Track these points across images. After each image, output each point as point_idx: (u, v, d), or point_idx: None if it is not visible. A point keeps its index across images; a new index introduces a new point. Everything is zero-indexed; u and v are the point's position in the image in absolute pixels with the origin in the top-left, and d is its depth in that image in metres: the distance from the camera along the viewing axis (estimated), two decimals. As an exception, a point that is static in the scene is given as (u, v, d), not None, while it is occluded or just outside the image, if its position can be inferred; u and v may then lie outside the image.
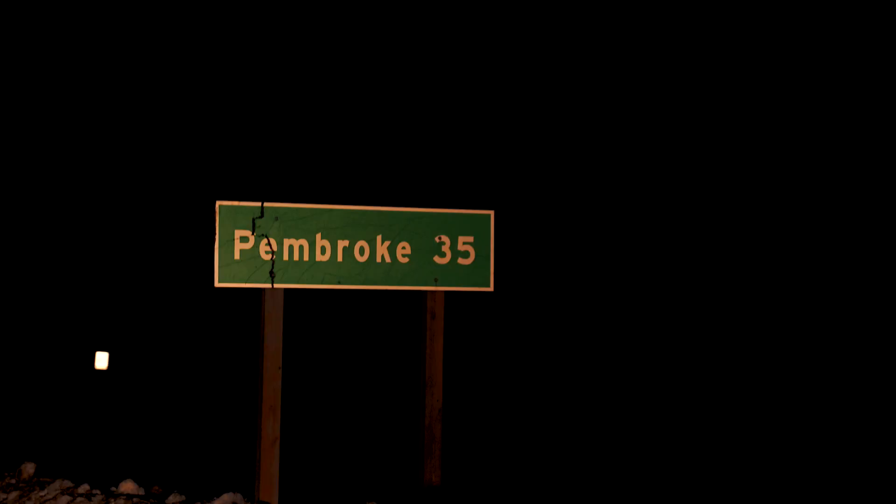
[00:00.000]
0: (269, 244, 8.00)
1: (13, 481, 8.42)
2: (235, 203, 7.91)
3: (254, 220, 7.95)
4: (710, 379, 11.14)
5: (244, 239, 7.93)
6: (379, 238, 8.38)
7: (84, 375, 10.41)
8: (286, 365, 7.84)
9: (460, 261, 8.66)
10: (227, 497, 7.51)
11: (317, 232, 8.16)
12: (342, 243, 8.26)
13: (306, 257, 8.12)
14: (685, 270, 11.78)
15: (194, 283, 9.98)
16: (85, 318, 10.62)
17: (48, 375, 10.49)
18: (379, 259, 8.38)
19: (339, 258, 8.23)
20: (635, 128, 11.86)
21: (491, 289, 8.74)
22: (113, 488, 7.98)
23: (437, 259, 8.57)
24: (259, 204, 7.96)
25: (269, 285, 7.96)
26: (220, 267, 7.81)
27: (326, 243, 8.21)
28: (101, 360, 9.64)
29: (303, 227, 8.08)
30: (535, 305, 11.60)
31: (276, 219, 8.02)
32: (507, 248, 9.83)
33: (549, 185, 11.90)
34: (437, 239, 8.56)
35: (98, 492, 7.92)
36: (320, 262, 8.16)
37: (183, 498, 7.73)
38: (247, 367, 8.68)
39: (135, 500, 7.73)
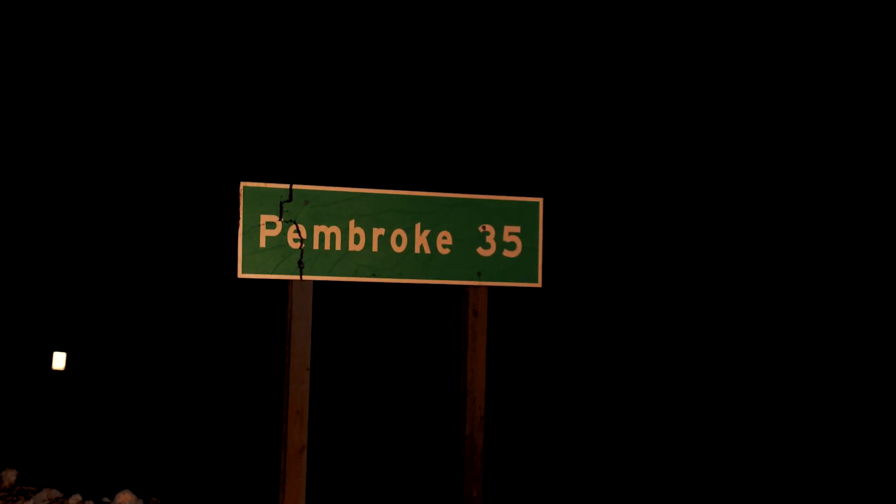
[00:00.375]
0: (297, 231, 7.34)
1: (-8, 490, 7.76)
2: (261, 185, 7.25)
3: (281, 203, 7.29)
4: (788, 386, 10.45)
5: (270, 225, 7.27)
6: (418, 226, 7.72)
7: (76, 375, 9.74)
8: (313, 365, 7.19)
9: (506, 253, 8.01)
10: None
11: (350, 218, 7.51)
12: (377, 231, 7.60)
13: (338, 246, 7.47)
14: (755, 264, 11.00)
15: (212, 274, 9.30)
16: (92, 312, 9.89)
17: (34, 373, 9.83)
18: (417, 250, 7.72)
19: (374, 248, 7.57)
20: (702, 109, 11.09)
21: (539, 284, 8.09)
22: (107, 499, 7.33)
23: (480, 251, 7.91)
24: (287, 186, 7.31)
25: (297, 277, 7.30)
26: (243, 256, 7.16)
27: (360, 231, 7.55)
28: (59, 361, 8.95)
29: (335, 213, 7.43)
30: (584, 304, 10.84)
31: (306, 203, 7.36)
32: (554, 240, 9.17)
33: (602, 169, 11.13)
34: (480, 228, 7.90)
35: (91, 503, 7.28)
36: (353, 252, 7.51)
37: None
38: (270, 367, 8.03)
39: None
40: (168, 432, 9.41)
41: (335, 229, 7.51)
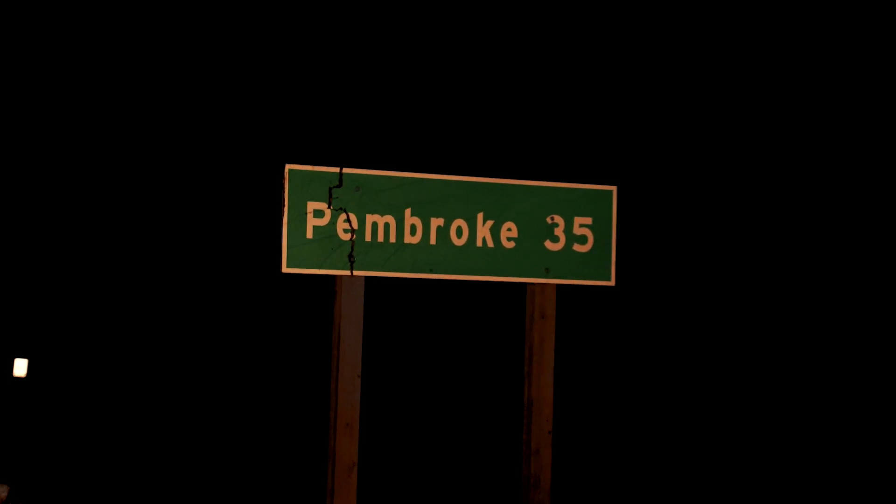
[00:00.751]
0: (348, 220, 6.64)
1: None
2: (309, 168, 6.55)
3: (330, 189, 6.59)
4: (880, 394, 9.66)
5: (318, 213, 6.57)
6: (480, 216, 7.03)
7: (83, 379, 9.04)
8: (363, 371, 6.49)
9: (576, 247, 7.32)
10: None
11: (406, 207, 6.81)
12: (436, 222, 6.90)
13: (392, 238, 6.77)
14: (859, 261, 10.12)
15: (250, 268, 8.55)
16: (118, 312, 9.15)
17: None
18: (479, 242, 7.03)
19: (432, 240, 6.88)
20: (795, 96, 10.23)
21: (612, 282, 7.39)
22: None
23: (548, 244, 7.23)
24: (337, 170, 6.60)
25: (347, 272, 6.60)
26: (288, 248, 6.46)
27: (417, 221, 6.85)
28: (20, 368, 8.27)
29: (389, 201, 6.74)
30: (662, 305, 9.98)
31: (358, 189, 6.66)
32: (628, 233, 8.46)
33: (682, 153, 10.20)
34: (548, 220, 7.21)
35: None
36: (409, 245, 6.81)
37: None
38: (315, 374, 7.31)
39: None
40: (200, 446, 8.70)
41: (389, 219, 6.81)
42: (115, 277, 8.69)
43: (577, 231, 7.38)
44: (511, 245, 7.15)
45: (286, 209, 6.49)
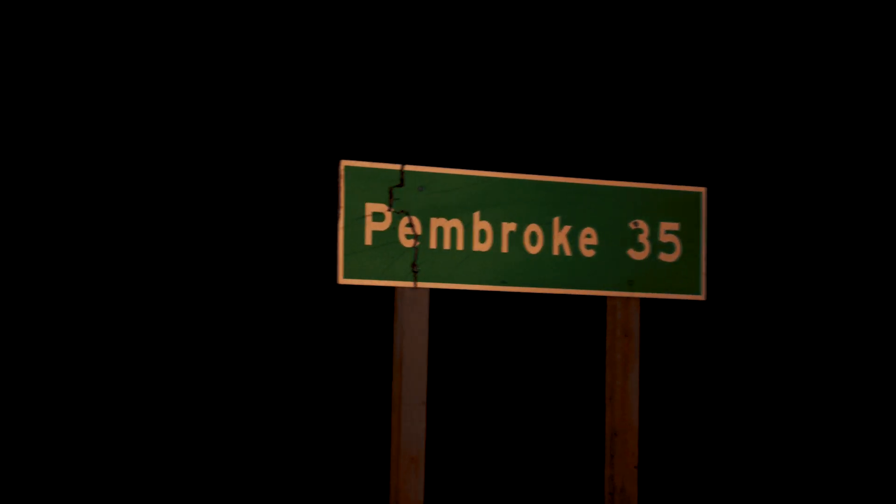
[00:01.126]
0: (411, 224, 5.90)
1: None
2: (367, 164, 5.82)
3: (391, 190, 5.85)
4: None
5: (378, 216, 5.83)
6: (556, 221, 6.30)
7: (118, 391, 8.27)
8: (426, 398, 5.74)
9: (662, 256, 6.61)
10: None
11: (475, 209, 6.08)
12: (508, 227, 6.17)
13: (460, 245, 6.03)
14: None
15: (300, 278, 7.68)
16: (151, 322, 8.35)
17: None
18: (556, 251, 6.30)
19: (504, 247, 6.14)
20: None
21: (702, 296, 6.67)
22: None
23: (631, 253, 6.50)
24: (399, 167, 5.87)
25: (410, 284, 5.86)
26: (346, 255, 5.71)
27: (487, 226, 6.12)
28: None
29: (456, 202, 6.01)
30: (757, 322, 9.03)
31: (421, 189, 5.93)
32: (717, 241, 7.67)
33: (779, 150, 9.23)
34: (632, 225, 6.49)
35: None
36: (478, 253, 6.07)
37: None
38: (371, 401, 6.52)
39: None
40: (244, 487, 7.92)
41: (456, 223, 6.07)
42: (152, 285, 7.93)
43: (663, 238, 6.65)
44: (591, 254, 6.42)
45: (342, 211, 5.77)
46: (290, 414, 7.85)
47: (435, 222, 6.02)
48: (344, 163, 5.81)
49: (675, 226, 6.69)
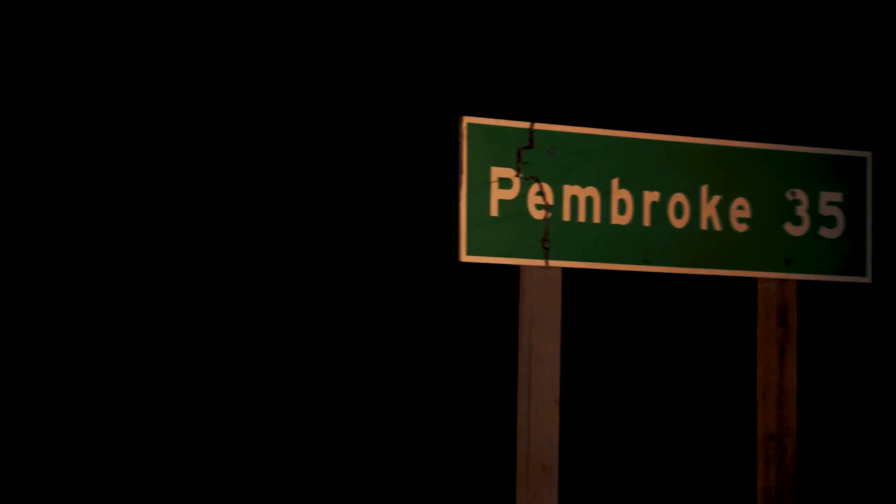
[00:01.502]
0: (541, 192, 5.12)
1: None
2: (492, 122, 5.03)
3: (519, 152, 5.07)
4: None
5: (505, 183, 5.05)
6: (705, 190, 5.51)
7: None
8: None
9: (822, 232, 5.80)
10: None
11: (613, 175, 5.28)
12: (650, 196, 5.37)
13: (597, 217, 5.24)
14: None
15: (412, 254, 6.84)
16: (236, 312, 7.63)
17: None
18: (704, 224, 5.51)
19: (646, 220, 5.35)
20: None
21: (868, 279, 5.88)
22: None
23: (788, 228, 5.70)
24: (528, 125, 5.08)
25: (541, 262, 5.09)
26: (469, 229, 4.94)
27: (626, 195, 5.33)
28: None
29: (591, 167, 5.22)
30: None
31: (552, 151, 5.14)
32: (883, 215, 6.83)
33: None
34: (789, 195, 5.69)
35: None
36: (617, 227, 5.28)
37: None
38: (495, 397, 5.77)
39: None
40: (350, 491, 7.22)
41: (592, 192, 5.27)
42: (256, 264, 7.25)
43: (824, 211, 5.85)
44: (743, 228, 5.61)
45: (465, 177, 5.00)
46: (398, 415, 7.12)
47: (568, 190, 5.20)
48: (466, 119, 5.03)
49: (837, 196, 5.86)
